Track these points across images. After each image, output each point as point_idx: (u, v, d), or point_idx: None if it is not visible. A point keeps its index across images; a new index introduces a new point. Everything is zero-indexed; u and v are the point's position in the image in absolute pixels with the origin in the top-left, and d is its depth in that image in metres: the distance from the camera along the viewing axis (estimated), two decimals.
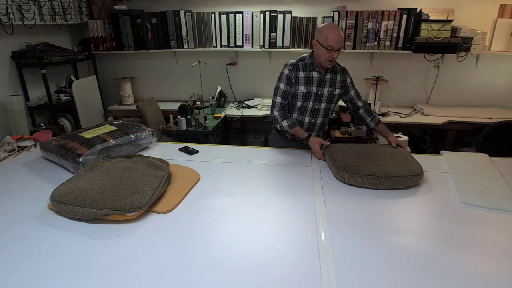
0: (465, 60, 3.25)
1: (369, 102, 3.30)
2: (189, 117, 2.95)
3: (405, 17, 3.09)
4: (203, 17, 3.39)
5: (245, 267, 1.11)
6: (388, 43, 3.19)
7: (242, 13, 3.31)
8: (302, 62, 2.01)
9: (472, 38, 3.04)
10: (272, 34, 3.31)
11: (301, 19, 3.26)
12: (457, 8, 3.12)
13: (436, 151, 2.78)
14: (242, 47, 3.43)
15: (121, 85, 3.67)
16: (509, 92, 3.36)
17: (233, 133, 3.76)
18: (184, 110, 3.00)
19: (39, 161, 1.96)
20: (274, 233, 1.29)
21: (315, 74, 2.00)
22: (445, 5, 3.16)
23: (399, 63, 3.45)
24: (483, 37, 3.05)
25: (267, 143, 2.43)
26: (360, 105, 2.15)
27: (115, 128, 2.03)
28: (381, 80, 3.31)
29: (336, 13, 3.16)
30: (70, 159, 1.76)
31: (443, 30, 3.00)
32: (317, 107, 2.05)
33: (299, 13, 3.38)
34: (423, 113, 3.23)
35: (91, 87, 3.30)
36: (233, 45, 3.43)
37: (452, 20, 2.99)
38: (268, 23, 3.28)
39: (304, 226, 1.33)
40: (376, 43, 3.20)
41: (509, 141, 2.42)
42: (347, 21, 3.16)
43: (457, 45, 3.04)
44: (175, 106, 3.12)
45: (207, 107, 3.48)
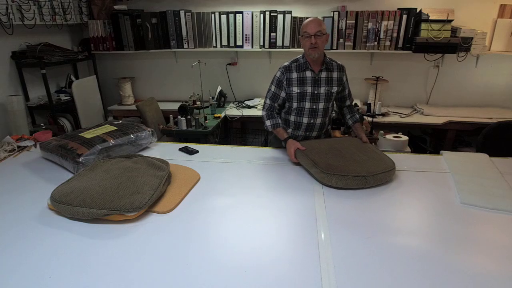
0: (465, 60, 3.25)
1: (369, 102, 3.30)
2: (189, 117, 2.95)
3: (405, 17, 3.09)
4: (203, 17, 3.39)
5: (245, 267, 1.11)
6: (388, 43, 3.19)
7: (242, 13, 3.30)
8: (295, 63, 2.04)
9: (472, 38, 3.04)
10: (272, 34, 3.31)
11: (301, 19, 3.25)
12: (457, 8, 3.12)
13: (436, 151, 2.79)
14: (242, 47, 3.42)
15: (121, 85, 3.67)
16: (509, 92, 3.36)
17: (233, 133, 3.76)
18: (184, 110, 3.00)
19: (39, 161, 1.96)
20: (274, 233, 1.29)
21: (309, 73, 2.01)
22: (445, 5, 3.16)
23: (399, 63, 3.45)
24: (483, 37, 3.05)
25: (267, 143, 2.43)
26: (347, 104, 2.21)
27: (115, 128, 2.03)
28: (381, 80, 3.30)
29: (336, 13, 3.16)
30: (70, 159, 1.76)
31: (443, 30, 3.00)
32: (315, 107, 2.05)
33: (299, 13, 3.38)
34: (423, 113, 3.23)
35: (91, 87, 3.30)
36: (233, 45, 3.43)
37: (452, 20, 2.99)
38: (268, 23, 3.28)
39: (304, 226, 1.33)
40: (376, 43, 3.20)
41: (509, 141, 2.42)
42: (347, 21, 3.16)
43: (457, 45, 3.04)
44: (175, 106, 3.12)
45: (207, 107, 3.47)
